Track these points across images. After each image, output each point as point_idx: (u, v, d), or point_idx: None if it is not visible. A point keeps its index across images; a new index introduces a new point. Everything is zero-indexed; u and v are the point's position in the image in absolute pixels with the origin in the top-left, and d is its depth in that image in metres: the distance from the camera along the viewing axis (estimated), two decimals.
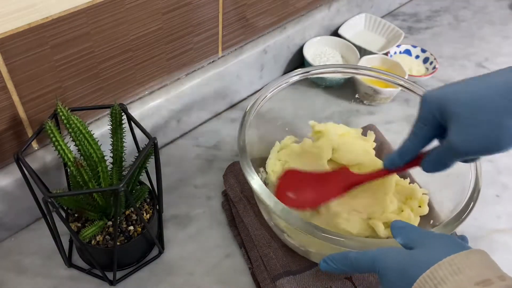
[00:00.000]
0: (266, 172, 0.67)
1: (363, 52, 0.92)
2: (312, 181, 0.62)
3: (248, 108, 0.62)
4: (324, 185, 0.61)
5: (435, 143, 0.51)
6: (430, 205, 0.65)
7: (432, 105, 0.47)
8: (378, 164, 0.67)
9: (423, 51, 0.96)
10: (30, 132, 0.59)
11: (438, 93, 0.47)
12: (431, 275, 0.37)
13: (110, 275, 0.58)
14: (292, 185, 0.61)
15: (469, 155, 0.45)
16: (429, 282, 0.37)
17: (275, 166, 0.66)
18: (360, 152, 0.67)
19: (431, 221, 0.62)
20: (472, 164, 0.57)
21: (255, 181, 0.54)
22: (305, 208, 0.61)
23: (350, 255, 0.46)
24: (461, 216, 0.53)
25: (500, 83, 0.43)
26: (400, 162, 0.53)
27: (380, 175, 0.57)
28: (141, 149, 0.53)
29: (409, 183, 0.67)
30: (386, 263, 0.42)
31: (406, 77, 0.85)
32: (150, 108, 0.70)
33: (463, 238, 0.51)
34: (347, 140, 0.68)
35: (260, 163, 0.67)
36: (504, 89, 0.42)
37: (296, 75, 0.67)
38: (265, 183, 0.63)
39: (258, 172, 0.66)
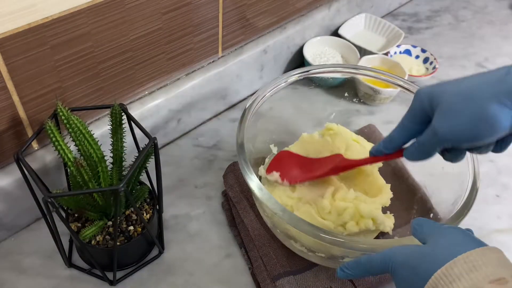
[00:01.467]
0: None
1: (363, 52, 0.92)
2: (303, 162, 0.63)
3: (247, 106, 0.62)
4: (314, 166, 0.63)
5: None
6: (428, 202, 0.65)
7: (422, 97, 0.47)
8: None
9: (423, 51, 0.96)
10: (30, 132, 0.59)
11: (430, 87, 0.48)
12: (446, 272, 0.37)
13: (110, 275, 0.58)
14: (284, 164, 0.63)
15: (452, 142, 0.45)
16: (444, 278, 0.37)
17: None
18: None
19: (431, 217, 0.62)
20: (470, 163, 0.57)
21: (254, 183, 0.54)
22: (283, 180, 0.61)
23: (361, 259, 0.45)
24: (459, 216, 0.53)
25: (491, 75, 0.44)
26: (385, 150, 0.54)
27: (366, 161, 0.58)
28: (141, 149, 0.53)
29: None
30: (398, 261, 0.42)
31: (406, 77, 0.85)
32: (150, 108, 0.70)
33: (468, 231, 0.51)
34: (356, 143, 0.68)
35: (259, 163, 0.67)
36: (494, 79, 0.43)
37: (296, 74, 0.67)
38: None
39: (257, 170, 0.66)
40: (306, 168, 0.63)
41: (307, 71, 0.68)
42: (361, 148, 0.67)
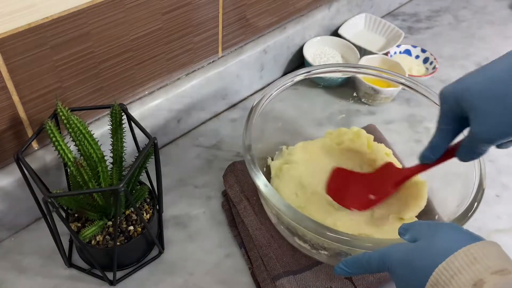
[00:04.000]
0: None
1: (363, 52, 0.92)
2: (361, 181, 0.65)
3: (253, 105, 0.62)
4: (369, 182, 0.64)
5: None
6: (432, 203, 0.65)
7: (449, 99, 0.47)
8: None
9: (423, 51, 0.96)
10: (30, 132, 0.59)
11: (453, 87, 0.47)
12: (446, 266, 0.37)
13: (110, 275, 0.58)
14: (341, 183, 0.64)
15: (495, 141, 0.45)
16: (444, 273, 0.37)
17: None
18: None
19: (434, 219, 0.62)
20: (476, 163, 0.57)
21: (261, 180, 0.54)
22: (354, 209, 0.62)
23: (361, 257, 0.45)
24: (465, 216, 0.53)
25: (508, 61, 0.43)
26: (433, 156, 0.54)
27: (420, 169, 0.58)
28: (141, 149, 0.53)
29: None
30: (394, 258, 0.42)
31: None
32: (150, 108, 0.70)
33: None
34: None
35: (261, 163, 0.67)
36: None
37: (301, 74, 0.67)
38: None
39: (263, 166, 0.67)
40: (361, 186, 0.64)
41: (310, 71, 0.68)
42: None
